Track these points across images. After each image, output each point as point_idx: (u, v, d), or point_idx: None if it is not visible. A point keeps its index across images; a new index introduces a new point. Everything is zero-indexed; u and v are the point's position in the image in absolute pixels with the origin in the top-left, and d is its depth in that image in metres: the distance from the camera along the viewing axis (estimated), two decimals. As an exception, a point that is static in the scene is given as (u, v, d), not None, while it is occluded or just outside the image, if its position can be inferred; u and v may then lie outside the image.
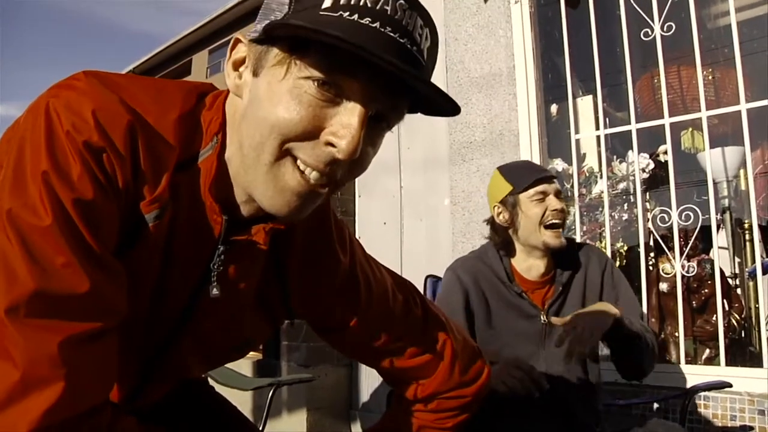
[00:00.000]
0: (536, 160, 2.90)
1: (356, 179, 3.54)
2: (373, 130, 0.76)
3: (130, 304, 0.76)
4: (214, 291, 0.83)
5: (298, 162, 0.74)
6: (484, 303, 1.86)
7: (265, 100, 0.73)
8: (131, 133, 0.72)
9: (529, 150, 2.90)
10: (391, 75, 0.69)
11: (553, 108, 3.31)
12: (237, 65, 0.78)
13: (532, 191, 1.80)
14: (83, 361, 0.68)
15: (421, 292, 2.27)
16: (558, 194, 1.81)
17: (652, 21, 2.84)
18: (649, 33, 2.84)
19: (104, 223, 0.72)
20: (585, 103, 3.26)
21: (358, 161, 0.75)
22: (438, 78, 3.25)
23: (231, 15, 25.10)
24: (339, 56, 0.68)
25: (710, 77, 3.35)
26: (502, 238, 1.88)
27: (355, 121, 0.71)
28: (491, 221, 1.92)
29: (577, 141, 3.01)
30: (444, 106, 0.77)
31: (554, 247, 1.80)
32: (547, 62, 3.19)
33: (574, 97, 3.06)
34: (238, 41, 0.78)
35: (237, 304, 0.92)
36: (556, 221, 1.79)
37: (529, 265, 1.88)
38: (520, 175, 1.84)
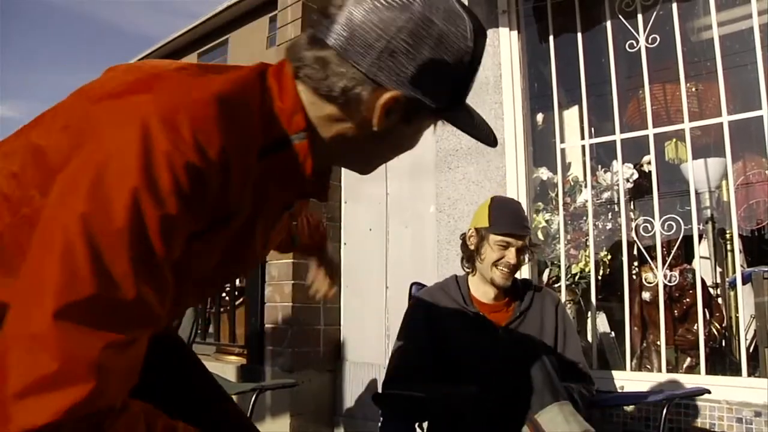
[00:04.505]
0: (521, 169, 2.92)
1: (342, 185, 3.55)
2: None
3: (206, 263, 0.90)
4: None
5: None
6: (443, 324, 2.07)
7: (409, 137, 0.96)
8: (225, 153, 0.78)
9: (515, 159, 2.92)
10: None
11: (539, 117, 3.34)
12: (387, 110, 0.88)
13: (499, 238, 2.03)
14: (116, 366, 0.71)
15: (406, 298, 2.31)
16: (520, 251, 2.04)
17: (638, 33, 2.88)
18: (635, 45, 2.88)
19: (179, 236, 0.77)
20: (571, 112, 3.29)
21: None
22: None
23: (221, 18, 25.00)
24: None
25: (694, 89, 3.40)
26: (468, 255, 2.15)
27: None
28: (464, 237, 2.17)
29: (563, 150, 3.03)
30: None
31: (499, 285, 2.06)
32: (534, 72, 3.22)
33: (560, 107, 3.09)
34: (394, 98, 0.87)
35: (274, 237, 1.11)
36: (504, 270, 2.03)
37: (485, 290, 2.12)
38: (500, 220, 2.06)
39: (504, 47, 3.04)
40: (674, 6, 2.80)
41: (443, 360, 2.01)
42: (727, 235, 3.40)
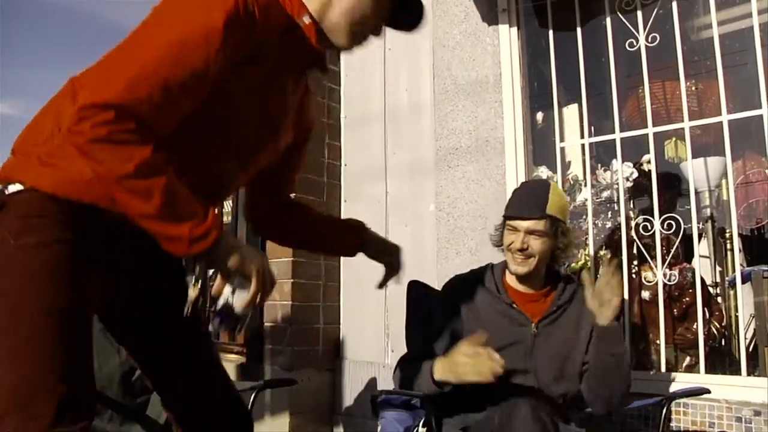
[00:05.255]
0: (521, 168, 2.91)
1: (342, 184, 3.55)
2: None
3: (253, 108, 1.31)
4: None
5: None
6: (476, 313, 1.97)
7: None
8: (266, 9, 1.23)
9: (514, 157, 2.91)
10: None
11: (539, 116, 3.34)
12: None
13: (508, 222, 1.98)
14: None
15: (405, 297, 2.30)
16: (530, 235, 1.92)
17: (638, 32, 2.87)
18: (634, 44, 2.88)
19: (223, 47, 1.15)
20: (570, 111, 3.28)
21: None
22: (424, 83, 3.28)
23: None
24: None
25: (693, 88, 3.39)
26: (498, 242, 2.07)
27: None
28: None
29: (562, 149, 3.03)
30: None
31: (514, 272, 1.96)
32: (534, 70, 3.22)
33: (560, 106, 3.08)
34: None
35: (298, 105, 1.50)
36: (517, 256, 1.93)
37: (514, 278, 2.02)
38: (510, 202, 2.03)
39: (504, 46, 3.03)
40: (674, 4, 2.79)
41: None
42: (727, 234, 3.40)
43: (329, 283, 3.45)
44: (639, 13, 2.89)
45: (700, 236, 3.06)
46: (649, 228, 2.81)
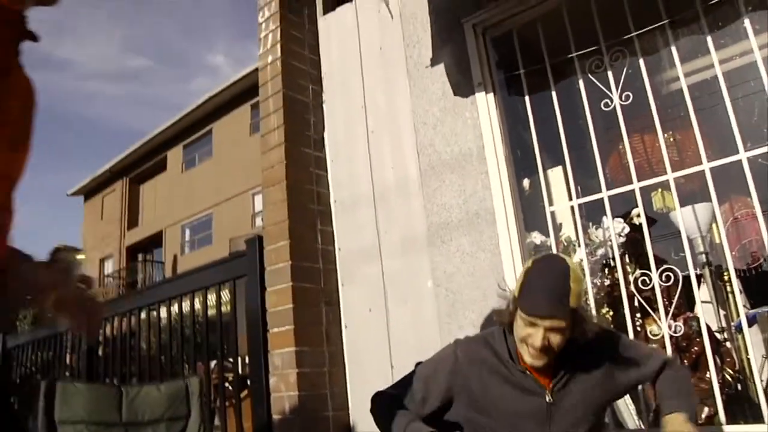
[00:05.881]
0: (513, 236, 2.92)
1: (338, 268, 3.55)
2: None
3: None
4: None
5: None
6: (485, 384, 1.89)
7: None
8: None
9: (506, 226, 2.93)
10: None
11: (525, 182, 3.39)
12: None
13: (525, 315, 1.78)
14: None
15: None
16: (551, 332, 1.75)
17: (610, 92, 2.96)
18: (609, 103, 2.96)
19: None
20: (555, 174, 3.34)
21: None
22: (409, 162, 3.33)
23: (202, 111, 25.42)
24: None
25: (671, 139, 3.48)
26: (508, 318, 1.87)
27: None
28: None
29: (552, 213, 3.06)
30: None
31: (530, 364, 1.82)
32: (515, 137, 3.28)
33: (545, 169, 3.14)
34: None
35: None
36: (532, 350, 1.78)
37: None
38: (528, 295, 1.79)
39: (483, 118, 3.11)
40: (641, 62, 2.89)
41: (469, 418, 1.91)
42: (725, 277, 3.41)
43: (333, 369, 3.40)
44: (609, 74, 2.98)
45: (699, 282, 3.06)
46: (648, 282, 2.81)
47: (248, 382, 3.93)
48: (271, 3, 3.87)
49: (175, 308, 3.99)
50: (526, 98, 3.16)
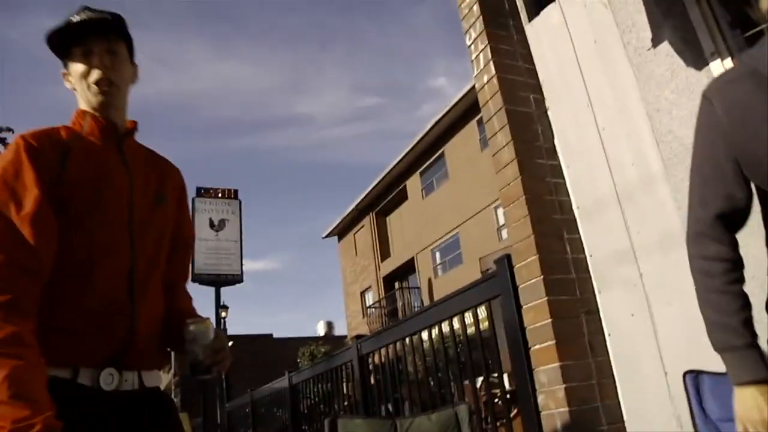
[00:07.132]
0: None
1: (591, 275, 3.42)
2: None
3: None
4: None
5: None
6: None
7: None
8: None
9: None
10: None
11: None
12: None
13: None
14: None
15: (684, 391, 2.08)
16: None
17: None
18: None
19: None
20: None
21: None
22: (650, 153, 3.12)
23: (432, 136, 26.40)
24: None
25: None
26: None
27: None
28: None
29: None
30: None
31: None
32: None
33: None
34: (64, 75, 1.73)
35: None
36: None
37: None
38: None
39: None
40: None
41: None
42: None
43: (603, 381, 3.26)
44: None
45: None
46: None
47: (516, 399, 3.93)
48: (475, 24, 3.92)
49: (435, 331, 4.16)
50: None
